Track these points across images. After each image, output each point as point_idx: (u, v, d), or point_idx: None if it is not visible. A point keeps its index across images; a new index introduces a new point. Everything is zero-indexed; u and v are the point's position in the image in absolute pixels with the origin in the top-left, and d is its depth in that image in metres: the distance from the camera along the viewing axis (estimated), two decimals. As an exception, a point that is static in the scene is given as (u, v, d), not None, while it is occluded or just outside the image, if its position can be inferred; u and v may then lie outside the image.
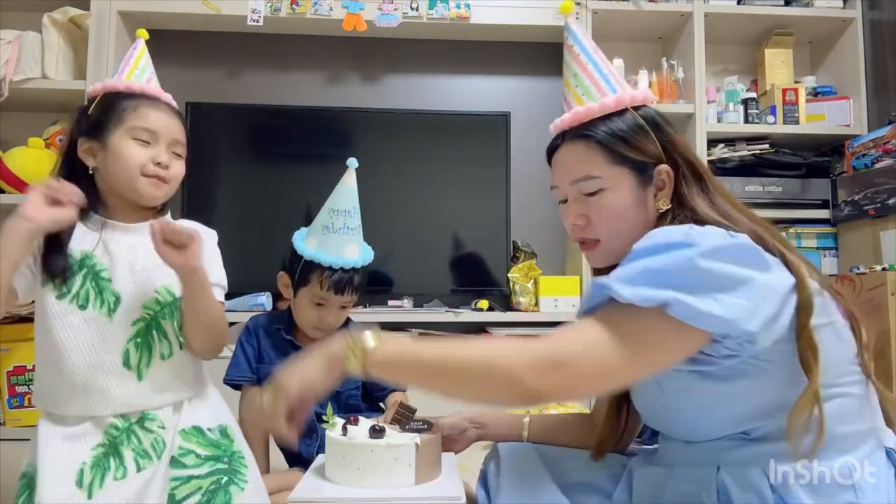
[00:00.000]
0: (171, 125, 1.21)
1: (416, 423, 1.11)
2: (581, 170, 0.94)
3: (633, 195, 0.91)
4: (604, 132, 0.92)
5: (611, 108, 0.93)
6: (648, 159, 0.91)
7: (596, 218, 0.94)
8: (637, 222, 0.92)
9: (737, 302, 0.74)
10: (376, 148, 2.62)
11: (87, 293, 1.08)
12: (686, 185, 0.90)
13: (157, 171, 1.15)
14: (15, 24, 2.37)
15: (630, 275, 0.77)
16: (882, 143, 2.38)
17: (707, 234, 0.78)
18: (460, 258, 2.62)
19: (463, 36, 2.76)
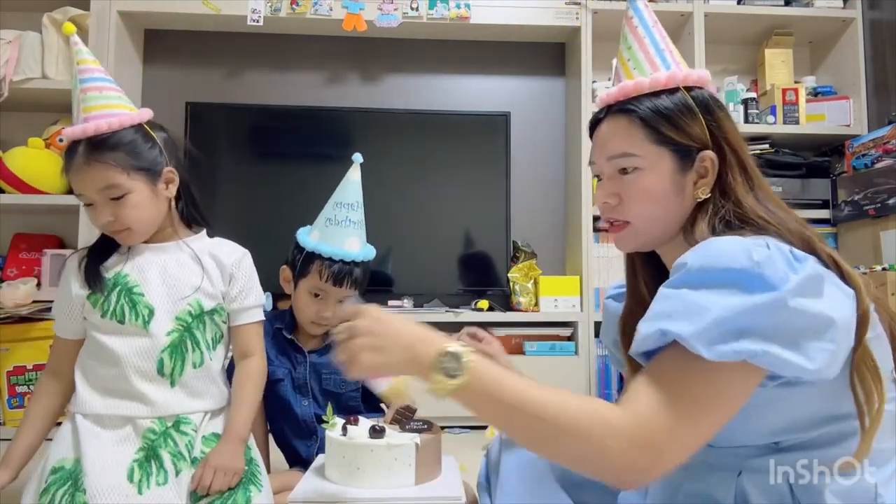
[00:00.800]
0: (88, 177, 1.13)
1: (416, 423, 1.11)
2: (619, 146, 0.88)
3: (671, 179, 0.85)
4: (648, 108, 0.86)
5: (661, 84, 0.87)
6: (692, 143, 0.85)
7: (628, 198, 0.88)
8: (672, 208, 0.86)
9: (824, 348, 0.68)
10: (376, 148, 2.62)
11: (122, 308, 1.14)
12: (731, 175, 0.84)
13: (111, 228, 1.16)
14: (15, 24, 2.37)
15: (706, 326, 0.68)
16: (882, 143, 2.38)
17: (774, 261, 0.70)
18: (460, 258, 2.62)
19: (463, 36, 2.76)
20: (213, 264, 1.22)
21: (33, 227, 2.48)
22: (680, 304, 0.71)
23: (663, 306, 0.72)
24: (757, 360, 0.66)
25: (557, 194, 2.82)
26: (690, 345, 0.67)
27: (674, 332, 0.69)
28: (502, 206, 2.61)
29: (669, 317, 0.70)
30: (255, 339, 1.27)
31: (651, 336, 0.72)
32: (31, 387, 2.16)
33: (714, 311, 0.68)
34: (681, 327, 0.68)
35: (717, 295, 0.69)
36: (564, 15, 2.62)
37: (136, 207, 1.14)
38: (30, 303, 2.16)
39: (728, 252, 0.71)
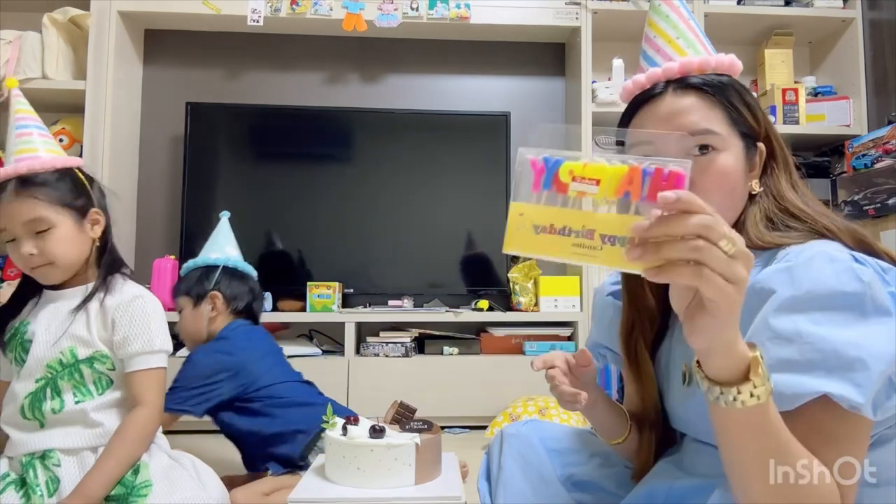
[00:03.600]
0: (15, 210, 1.16)
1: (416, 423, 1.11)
2: (701, 121, 0.80)
3: (742, 164, 0.81)
4: (727, 87, 0.81)
5: (725, 67, 0.83)
6: (756, 132, 0.82)
7: (704, 181, 0.78)
8: (737, 196, 0.81)
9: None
10: (376, 148, 2.62)
11: (18, 355, 1.20)
12: (777, 169, 0.82)
13: (33, 264, 1.17)
14: (15, 24, 2.37)
15: (871, 387, 0.62)
16: (882, 143, 2.38)
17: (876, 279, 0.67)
18: (460, 258, 2.62)
19: (463, 36, 2.76)
20: (96, 311, 1.20)
21: (33, 227, 2.48)
22: (812, 349, 0.64)
23: (789, 352, 0.65)
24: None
25: (557, 194, 2.81)
26: (861, 410, 0.62)
27: (842, 398, 0.62)
28: (502, 206, 2.61)
29: (812, 370, 0.64)
30: (144, 388, 1.18)
31: (801, 397, 0.64)
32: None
33: (872, 365, 0.62)
34: (845, 391, 0.62)
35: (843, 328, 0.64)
36: (564, 15, 2.62)
37: (60, 242, 1.17)
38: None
39: (830, 272, 0.67)
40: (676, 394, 0.88)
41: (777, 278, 0.69)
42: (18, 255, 1.17)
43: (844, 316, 0.65)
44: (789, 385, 0.65)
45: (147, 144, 2.70)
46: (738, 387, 0.60)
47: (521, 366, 2.36)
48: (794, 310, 0.67)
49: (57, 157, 1.22)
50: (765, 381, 0.60)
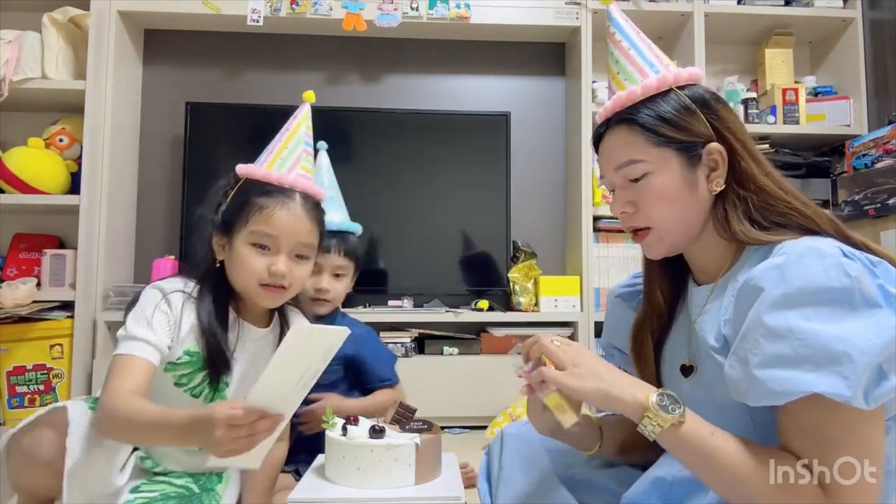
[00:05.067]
0: (299, 226, 1.14)
1: (416, 423, 1.11)
2: (624, 154, 0.89)
3: (681, 177, 0.87)
4: (646, 114, 0.88)
5: (653, 89, 0.89)
6: (696, 139, 0.87)
7: (643, 203, 0.89)
8: (688, 205, 0.87)
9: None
10: (376, 148, 2.62)
11: (202, 390, 1.14)
12: (744, 163, 0.85)
13: (274, 282, 1.12)
14: (15, 24, 2.37)
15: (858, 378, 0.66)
16: (882, 143, 2.38)
17: (864, 272, 0.70)
18: (460, 258, 2.62)
19: (463, 36, 2.76)
20: None
21: (33, 227, 2.48)
22: (802, 344, 0.68)
23: (780, 348, 0.70)
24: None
25: (557, 194, 2.82)
26: (851, 402, 0.66)
27: (831, 394, 0.66)
28: (502, 207, 2.61)
29: (801, 366, 0.68)
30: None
31: (792, 393, 0.68)
32: (31, 387, 2.16)
33: (857, 357, 0.66)
34: (835, 386, 0.66)
35: (832, 323, 0.68)
36: (564, 15, 2.62)
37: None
38: (30, 303, 2.16)
39: (820, 269, 0.70)
40: (676, 387, 0.91)
41: (768, 276, 0.73)
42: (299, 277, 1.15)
43: (834, 311, 0.69)
44: (780, 382, 0.69)
45: (147, 144, 2.70)
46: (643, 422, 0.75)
47: (521, 366, 2.36)
48: (785, 306, 0.70)
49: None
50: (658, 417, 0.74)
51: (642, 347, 0.98)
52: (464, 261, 2.62)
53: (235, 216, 1.12)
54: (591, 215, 2.52)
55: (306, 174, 1.19)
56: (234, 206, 1.14)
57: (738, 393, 0.74)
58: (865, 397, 0.66)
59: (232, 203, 1.14)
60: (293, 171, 1.17)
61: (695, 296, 0.93)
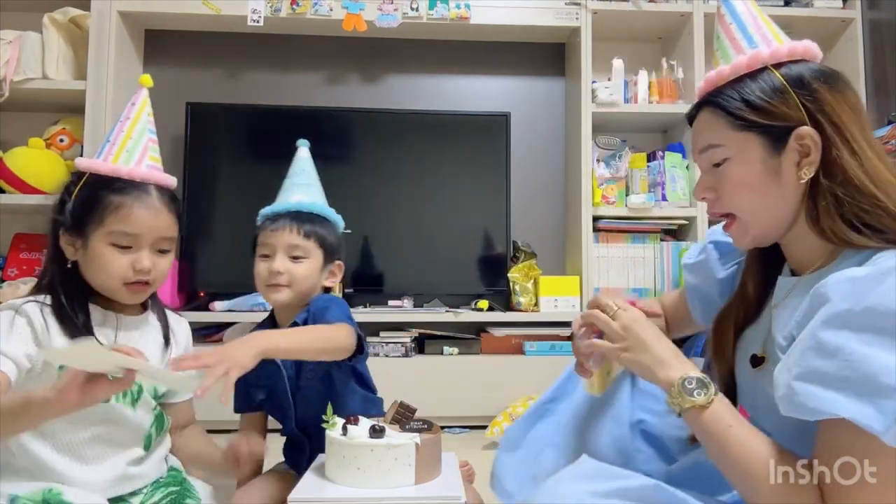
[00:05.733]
0: (159, 222, 1.09)
1: (416, 423, 1.11)
2: (706, 138, 0.86)
3: (763, 163, 0.81)
4: (729, 96, 0.83)
5: (743, 68, 0.83)
6: (781, 122, 0.80)
7: (723, 190, 0.85)
8: (772, 193, 0.81)
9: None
10: (376, 148, 2.62)
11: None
12: (835, 151, 0.77)
13: (139, 279, 1.08)
14: (15, 24, 2.37)
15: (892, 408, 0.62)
16: (882, 143, 2.38)
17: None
18: (460, 258, 2.62)
19: (463, 36, 2.76)
20: None
21: (33, 227, 2.48)
22: (848, 367, 0.64)
23: (825, 365, 0.66)
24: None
25: (557, 194, 2.82)
26: (881, 437, 0.63)
27: (858, 422, 0.63)
28: (502, 207, 2.61)
29: (839, 387, 0.65)
30: None
31: (819, 413, 0.66)
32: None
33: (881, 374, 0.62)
34: (865, 416, 0.63)
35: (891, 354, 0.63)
36: (564, 15, 2.62)
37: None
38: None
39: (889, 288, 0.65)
40: (747, 375, 0.90)
41: (839, 287, 0.68)
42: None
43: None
44: (813, 398, 0.66)
45: (147, 144, 2.70)
46: (667, 399, 0.80)
47: (521, 366, 2.36)
48: (845, 325, 0.66)
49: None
50: (679, 398, 0.78)
51: (722, 338, 0.95)
52: (464, 261, 2.62)
53: (87, 215, 1.05)
54: (591, 215, 2.53)
55: (157, 164, 1.14)
56: (82, 204, 1.06)
57: (777, 399, 0.72)
58: (882, 422, 0.63)
59: (79, 201, 1.06)
60: (142, 162, 1.11)
61: (781, 285, 0.89)
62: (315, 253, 1.34)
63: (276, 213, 1.35)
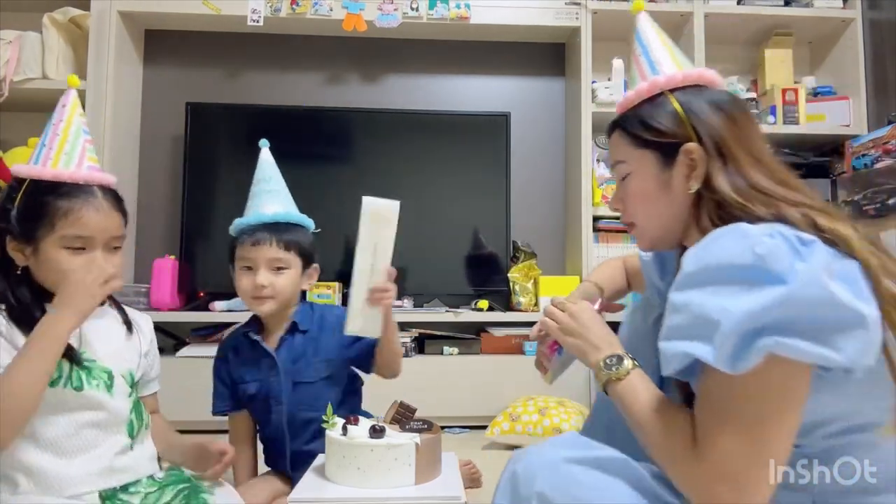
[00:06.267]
0: (109, 223, 1.10)
1: (416, 423, 1.12)
2: (613, 156, 0.98)
3: (655, 177, 0.91)
4: (630, 118, 0.94)
5: (645, 93, 0.93)
6: (670, 140, 0.89)
7: (627, 201, 0.97)
8: (664, 203, 0.91)
9: (852, 337, 0.67)
10: (376, 148, 2.62)
11: (77, 375, 1.06)
12: (711, 164, 0.86)
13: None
14: (15, 24, 2.38)
15: (722, 343, 0.68)
16: (882, 143, 2.38)
17: (779, 251, 0.69)
18: (460, 258, 2.62)
19: (463, 36, 2.76)
20: None
21: (33, 227, 2.48)
22: (691, 316, 0.73)
23: (677, 320, 0.75)
24: (778, 350, 0.67)
25: (557, 194, 2.82)
26: (717, 367, 0.69)
27: (696, 356, 0.71)
28: (502, 207, 2.61)
29: (686, 335, 0.73)
30: None
31: (675, 357, 0.75)
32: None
33: (725, 323, 0.68)
34: (702, 350, 0.70)
35: (725, 298, 0.70)
36: (564, 15, 2.62)
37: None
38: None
39: (729, 247, 0.73)
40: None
41: (688, 258, 0.77)
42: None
43: (731, 287, 0.71)
44: (668, 349, 0.75)
45: (147, 144, 2.70)
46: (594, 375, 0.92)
47: (521, 366, 2.36)
48: (690, 284, 0.75)
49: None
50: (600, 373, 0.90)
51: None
52: (464, 261, 2.62)
53: (35, 222, 1.05)
54: (591, 215, 2.53)
55: (96, 165, 1.13)
56: (28, 211, 1.06)
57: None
58: (731, 362, 0.68)
59: (25, 208, 1.06)
60: (82, 164, 1.11)
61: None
62: (295, 262, 1.39)
63: (254, 227, 1.38)
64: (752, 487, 0.70)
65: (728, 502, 0.70)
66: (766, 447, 0.70)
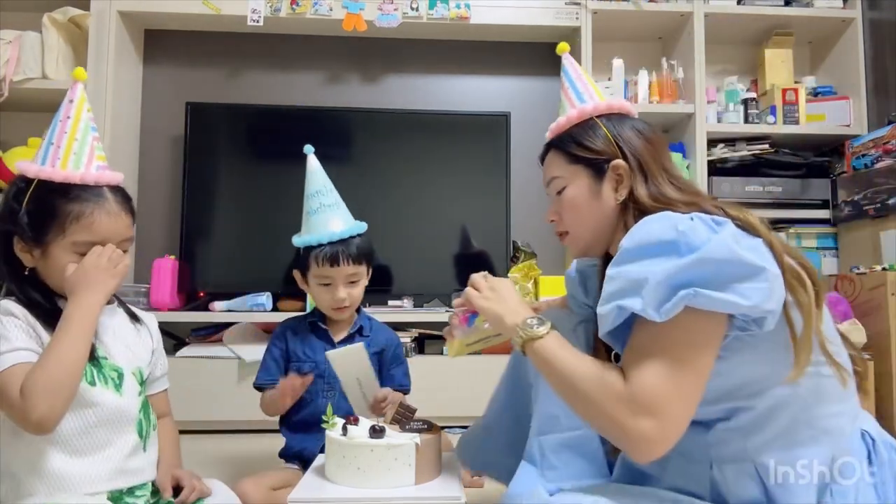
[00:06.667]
0: (119, 226, 1.09)
1: (416, 423, 1.12)
2: (548, 173, 1.10)
3: (588, 189, 1.03)
4: (564, 139, 1.07)
5: (575, 118, 1.07)
6: (601, 156, 1.02)
7: (562, 211, 1.08)
8: (594, 212, 1.03)
9: (756, 287, 0.79)
10: (376, 148, 2.62)
11: (90, 370, 1.05)
12: (635, 179, 1.00)
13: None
14: (15, 24, 2.37)
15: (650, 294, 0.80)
16: (882, 143, 2.38)
17: (697, 227, 0.83)
18: (460, 258, 2.62)
19: (463, 36, 2.76)
20: None
21: (33, 227, 2.48)
22: (625, 281, 0.84)
23: (612, 286, 0.86)
24: (696, 303, 0.78)
25: (557, 194, 2.82)
26: (645, 314, 0.80)
27: (628, 308, 0.82)
28: (502, 206, 2.61)
29: (621, 295, 0.83)
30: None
31: (610, 313, 0.84)
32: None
33: (651, 280, 0.80)
34: (632, 302, 0.82)
35: (654, 264, 0.82)
36: (564, 15, 2.62)
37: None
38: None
39: (657, 227, 0.86)
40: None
41: (622, 241, 0.88)
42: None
43: (656, 258, 0.83)
44: (607, 310, 0.85)
45: (147, 144, 2.70)
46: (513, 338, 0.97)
47: (521, 366, 2.36)
48: (623, 259, 0.86)
49: None
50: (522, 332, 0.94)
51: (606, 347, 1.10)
52: (464, 261, 2.62)
53: (45, 225, 1.04)
54: (591, 215, 2.53)
55: (105, 164, 1.12)
56: (38, 213, 1.04)
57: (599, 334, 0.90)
58: (657, 309, 0.80)
59: (34, 211, 1.04)
60: (91, 164, 1.09)
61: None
62: (363, 272, 1.54)
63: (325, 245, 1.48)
64: (671, 421, 0.80)
65: (650, 434, 0.79)
66: (685, 385, 0.81)
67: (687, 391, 0.80)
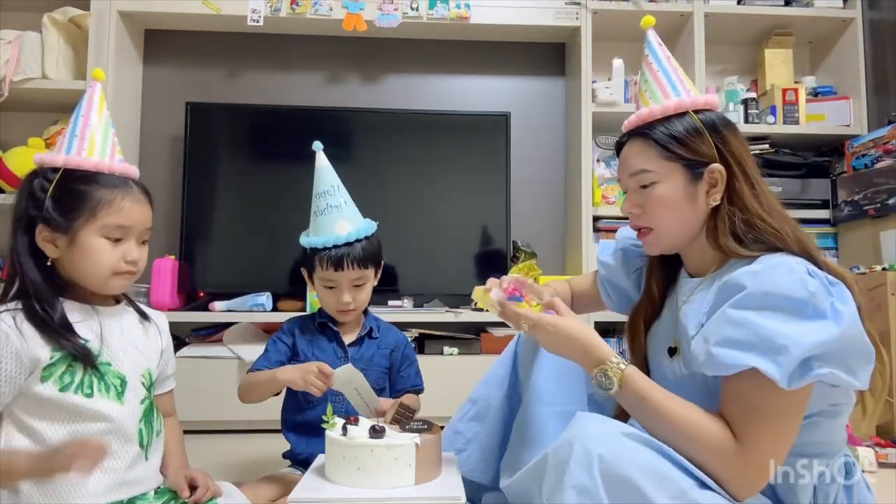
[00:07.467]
0: (145, 215, 1.14)
1: (416, 423, 1.12)
2: (638, 164, 1.04)
3: (684, 189, 1.00)
4: (660, 131, 1.02)
5: (671, 110, 1.02)
6: (701, 158, 0.99)
7: (648, 207, 1.04)
8: (687, 214, 1.01)
9: (869, 370, 0.85)
10: (376, 148, 2.62)
11: (90, 382, 1.05)
12: (738, 184, 0.98)
13: (129, 269, 1.11)
14: (15, 24, 2.37)
15: (788, 365, 0.81)
16: (882, 143, 2.38)
17: (820, 290, 0.85)
18: (460, 258, 2.62)
19: (463, 36, 2.76)
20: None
21: (33, 227, 2.48)
22: (753, 333, 0.84)
23: (736, 333, 0.85)
24: (827, 379, 0.82)
25: (557, 194, 2.82)
26: (778, 382, 0.81)
27: (763, 371, 0.82)
28: (502, 206, 2.61)
29: (749, 348, 0.84)
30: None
31: (735, 366, 0.84)
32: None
33: (793, 350, 0.81)
34: (767, 366, 0.82)
35: (784, 324, 0.83)
36: (564, 15, 2.62)
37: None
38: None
39: (785, 281, 0.85)
40: (662, 364, 1.06)
41: (744, 278, 0.88)
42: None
43: (787, 315, 0.83)
44: (729, 357, 0.85)
45: (147, 144, 2.70)
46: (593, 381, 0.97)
47: (521, 366, 2.36)
48: (749, 304, 0.86)
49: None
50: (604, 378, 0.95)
51: (636, 331, 1.14)
52: (464, 261, 2.62)
53: (74, 211, 1.06)
54: (591, 215, 2.53)
55: (123, 159, 1.17)
56: (66, 200, 1.06)
57: (698, 365, 0.89)
58: (789, 381, 0.81)
59: (60, 197, 1.06)
60: (114, 156, 1.14)
61: (684, 286, 1.07)
62: (370, 274, 1.51)
63: (330, 248, 1.45)
64: (768, 474, 0.84)
65: (753, 485, 0.85)
66: (785, 445, 0.86)
67: (788, 447, 0.86)
